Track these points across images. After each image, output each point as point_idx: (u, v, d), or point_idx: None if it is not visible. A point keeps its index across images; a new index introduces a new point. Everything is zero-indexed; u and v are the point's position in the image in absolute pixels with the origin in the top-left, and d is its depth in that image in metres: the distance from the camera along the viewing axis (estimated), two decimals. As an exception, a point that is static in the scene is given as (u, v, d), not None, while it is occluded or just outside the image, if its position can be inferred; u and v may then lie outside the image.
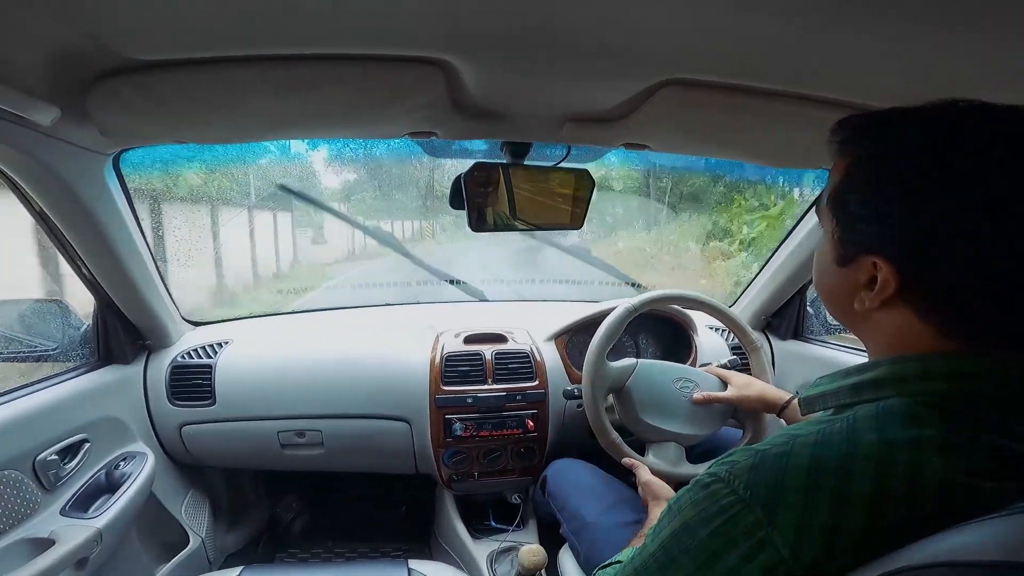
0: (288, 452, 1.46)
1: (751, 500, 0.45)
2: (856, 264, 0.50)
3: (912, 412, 0.45)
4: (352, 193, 6.14)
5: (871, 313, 0.51)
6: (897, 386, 0.48)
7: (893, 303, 0.49)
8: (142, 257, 1.19)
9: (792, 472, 0.45)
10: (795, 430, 0.49)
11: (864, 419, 0.46)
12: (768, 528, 0.44)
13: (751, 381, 1.21)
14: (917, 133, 0.46)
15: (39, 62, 0.63)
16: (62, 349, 1.23)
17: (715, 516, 0.47)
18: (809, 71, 0.70)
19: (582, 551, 1.12)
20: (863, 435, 0.45)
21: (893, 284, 0.47)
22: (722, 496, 0.47)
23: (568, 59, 0.69)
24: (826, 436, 0.46)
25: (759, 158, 1.09)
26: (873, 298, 0.49)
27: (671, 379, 1.24)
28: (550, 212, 1.11)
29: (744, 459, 0.48)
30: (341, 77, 0.72)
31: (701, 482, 0.50)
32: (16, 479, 0.96)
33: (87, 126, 0.79)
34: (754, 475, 0.46)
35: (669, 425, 1.19)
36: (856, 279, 0.50)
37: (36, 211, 0.99)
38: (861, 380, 0.51)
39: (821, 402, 0.54)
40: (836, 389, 0.53)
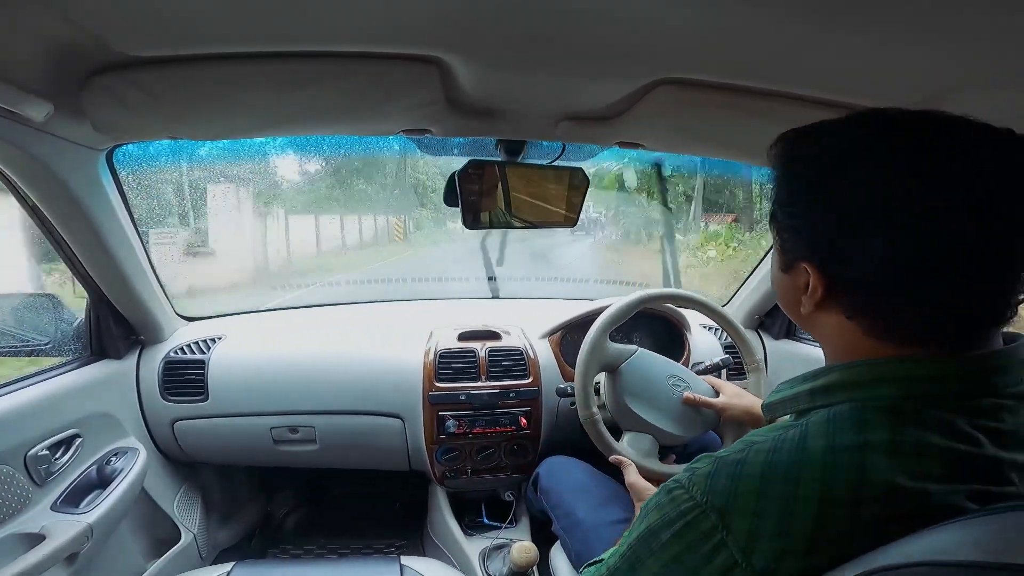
0: (281, 448, 1.46)
1: (707, 506, 0.47)
2: (795, 270, 0.53)
3: (861, 417, 0.47)
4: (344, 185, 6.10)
5: (813, 316, 0.53)
6: (848, 391, 0.49)
7: (826, 306, 0.51)
8: (135, 252, 1.19)
9: (745, 478, 0.46)
10: (753, 436, 0.51)
11: (815, 425, 0.48)
12: (723, 533, 0.46)
13: (743, 393, 1.21)
14: (815, 145, 0.50)
15: (33, 57, 0.63)
16: (54, 343, 1.22)
17: (676, 520, 0.49)
18: (804, 71, 0.71)
19: (573, 548, 1.12)
20: (813, 441, 0.46)
21: (820, 288, 0.50)
22: (682, 501, 0.49)
23: (563, 58, 0.69)
24: (780, 443, 0.47)
25: (753, 158, 1.09)
26: (807, 302, 0.52)
27: (665, 374, 1.24)
28: (544, 210, 1.11)
29: (703, 466, 0.50)
30: (336, 74, 0.72)
31: (667, 487, 0.52)
32: (7, 474, 0.96)
33: (80, 121, 0.79)
34: (711, 482, 0.48)
35: (651, 418, 1.19)
36: (797, 284, 0.53)
37: (29, 206, 0.99)
38: (815, 386, 0.52)
39: (782, 408, 0.56)
40: (795, 395, 0.54)
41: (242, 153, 2.02)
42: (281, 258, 5.93)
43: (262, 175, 4.73)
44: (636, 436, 1.19)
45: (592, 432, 1.17)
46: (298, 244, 6.39)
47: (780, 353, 1.65)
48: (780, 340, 1.67)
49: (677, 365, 1.29)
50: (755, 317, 1.68)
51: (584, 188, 1.09)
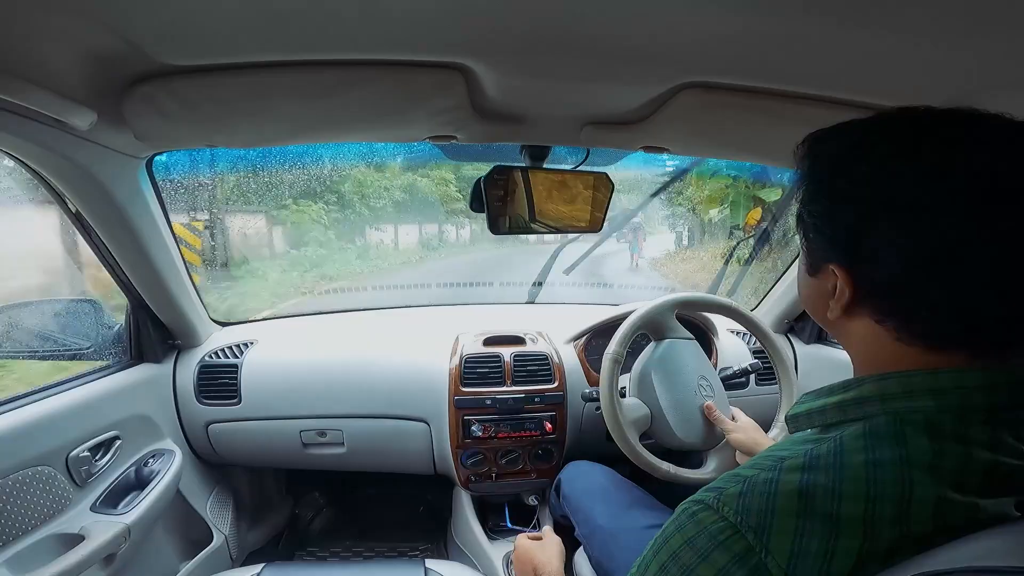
0: (310, 451, 1.49)
1: (742, 526, 0.44)
2: (822, 273, 0.51)
3: (899, 431, 0.45)
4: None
5: (841, 322, 0.51)
6: (882, 404, 0.47)
7: (855, 310, 0.50)
8: (173, 258, 1.23)
9: (783, 496, 0.44)
10: (780, 451, 0.48)
11: (851, 439, 0.46)
12: (761, 554, 0.43)
13: (757, 429, 1.15)
14: (838, 143, 0.49)
15: (78, 67, 0.66)
16: (96, 347, 1.26)
17: (705, 544, 0.46)
18: (830, 73, 0.70)
19: (593, 554, 1.12)
20: (851, 456, 0.44)
21: (848, 290, 0.48)
22: (711, 523, 0.46)
23: (587, 63, 0.70)
24: (814, 458, 0.45)
25: (781, 161, 1.08)
26: (835, 305, 0.50)
27: (699, 373, 1.23)
28: (569, 215, 1.11)
29: (731, 485, 0.47)
30: (364, 82, 0.73)
31: (687, 511, 0.49)
32: (49, 475, 0.98)
33: (122, 130, 0.82)
34: (743, 501, 0.45)
35: (664, 400, 1.18)
36: (824, 287, 0.51)
37: (72, 213, 1.03)
38: (845, 398, 0.50)
39: (807, 421, 0.53)
40: (821, 407, 0.52)
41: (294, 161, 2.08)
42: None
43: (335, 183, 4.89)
44: (638, 405, 1.19)
45: (606, 375, 1.16)
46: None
47: (811, 358, 1.61)
48: (811, 345, 1.63)
49: (715, 373, 1.27)
50: (784, 321, 1.65)
51: (609, 193, 1.09)
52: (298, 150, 1.53)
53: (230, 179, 2.96)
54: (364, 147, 1.42)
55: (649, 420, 1.18)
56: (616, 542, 1.06)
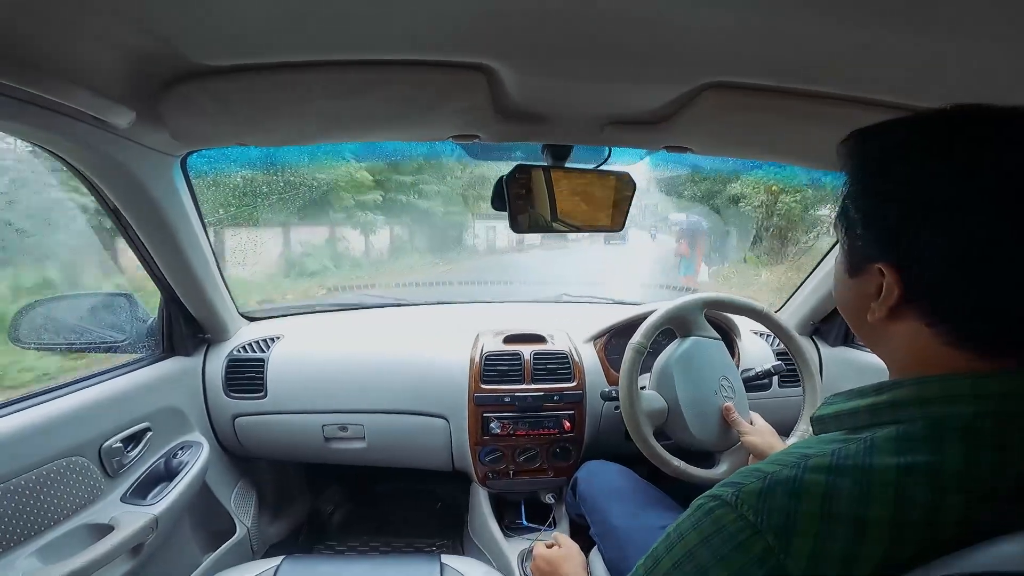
0: (331, 445, 1.51)
1: (762, 526, 0.44)
2: (865, 273, 0.50)
3: (934, 435, 0.43)
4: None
5: (883, 325, 0.49)
6: (918, 408, 0.46)
7: (901, 313, 0.48)
8: (205, 254, 1.26)
9: (806, 497, 0.43)
10: (804, 449, 0.47)
11: (883, 442, 0.44)
12: (780, 556, 0.42)
13: (773, 434, 1.14)
14: (889, 138, 0.48)
15: (118, 68, 0.68)
16: (130, 341, 1.30)
17: (722, 544, 0.45)
18: (858, 73, 0.69)
19: (606, 555, 1.12)
20: (881, 459, 0.43)
21: (897, 290, 0.47)
22: (730, 522, 0.45)
23: (609, 63, 0.70)
24: (841, 459, 0.44)
25: (808, 162, 1.07)
26: (880, 307, 0.48)
27: (721, 373, 1.23)
28: (590, 215, 1.11)
29: (750, 482, 0.46)
30: (389, 81, 0.75)
31: (703, 507, 0.48)
32: (83, 465, 1.00)
33: (159, 129, 0.85)
34: (764, 500, 0.44)
35: (682, 396, 1.17)
36: (866, 289, 0.50)
37: (111, 209, 1.06)
38: (878, 401, 0.48)
39: (835, 423, 0.51)
40: (852, 410, 0.50)
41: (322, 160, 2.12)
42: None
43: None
44: (656, 398, 1.19)
45: (627, 364, 1.17)
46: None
47: (836, 360, 1.59)
48: (837, 347, 1.60)
49: (737, 375, 1.26)
50: (810, 323, 1.63)
51: (631, 193, 1.09)
52: (323, 150, 1.56)
53: (261, 177, 3.02)
54: (390, 147, 1.44)
55: (665, 414, 1.18)
56: (631, 542, 1.06)
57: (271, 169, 2.55)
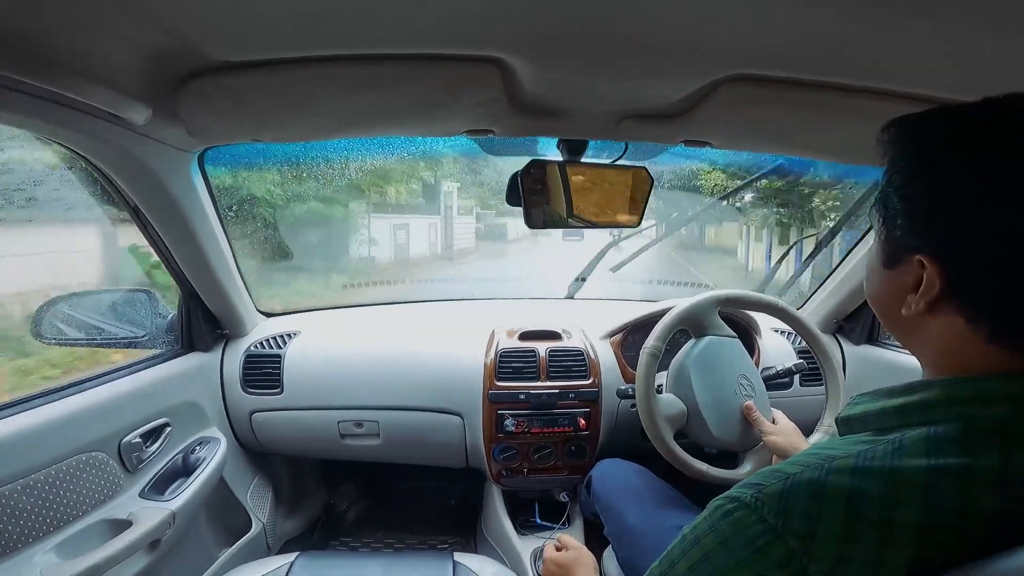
0: (346, 442, 1.51)
1: (783, 529, 0.42)
2: (903, 265, 0.48)
3: (966, 438, 0.42)
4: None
5: (920, 320, 0.47)
6: (949, 410, 0.44)
7: (940, 307, 0.45)
8: (223, 251, 1.27)
9: (829, 499, 0.42)
10: (828, 450, 0.46)
11: (913, 443, 0.43)
12: (803, 559, 0.41)
13: (796, 433, 1.11)
14: (923, 130, 0.46)
15: (134, 64, 0.68)
16: (149, 336, 1.32)
17: (742, 547, 0.44)
18: (881, 65, 0.67)
19: (621, 554, 1.10)
20: (910, 461, 0.42)
21: (938, 284, 0.44)
22: (749, 525, 0.44)
23: (625, 56, 0.68)
24: (867, 461, 0.43)
25: (831, 155, 1.05)
26: (919, 300, 0.46)
27: (739, 372, 1.20)
28: (607, 210, 1.09)
29: (771, 483, 0.45)
30: (401, 76, 0.74)
31: (721, 508, 0.47)
32: (103, 460, 1.01)
33: (176, 125, 0.85)
34: (785, 502, 0.43)
35: (701, 399, 1.16)
36: (903, 281, 0.48)
37: (131, 207, 1.07)
38: (908, 402, 0.46)
39: (861, 424, 0.49)
40: (880, 410, 0.48)
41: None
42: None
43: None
44: (674, 401, 1.16)
45: (643, 369, 1.15)
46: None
47: (860, 359, 1.55)
48: (861, 345, 1.56)
49: (757, 373, 1.24)
50: (833, 321, 1.59)
51: (648, 187, 1.07)
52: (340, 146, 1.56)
53: (276, 174, 3.03)
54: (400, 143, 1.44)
55: (685, 417, 1.16)
56: (647, 542, 1.05)
57: (293, 166, 2.55)
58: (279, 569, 1.07)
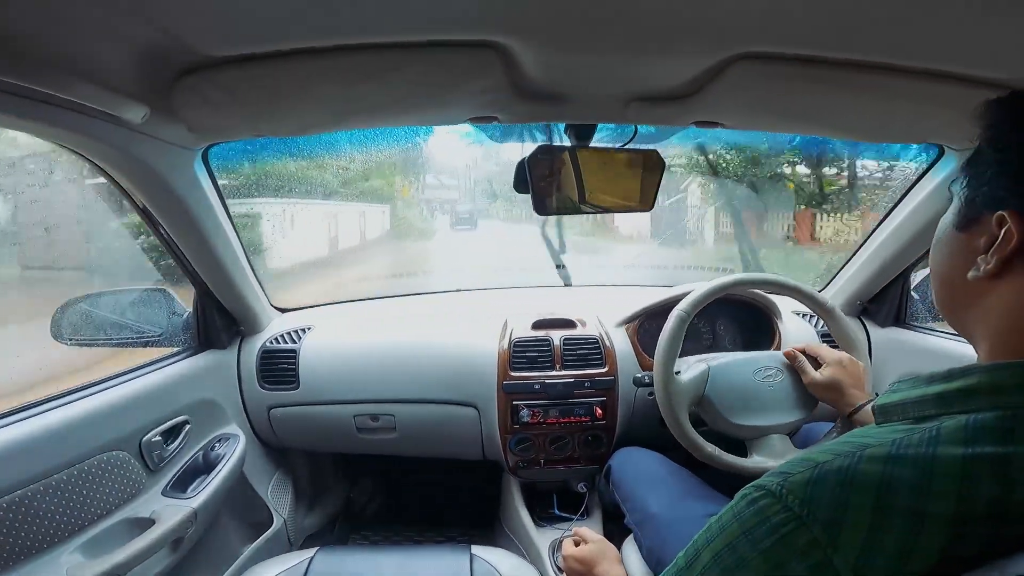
0: (363, 436, 1.52)
1: (808, 518, 0.41)
2: (978, 227, 0.46)
3: (1008, 427, 0.39)
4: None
5: (986, 286, 0.45)
6: (992, 397, 0.41)
7: (1013, 265, 0.43)
8: (233, 247, 1.27)
9: (859, 488, 0.40)
10: (862, 438, 0.44)
11: (950, 431, 0.41)
12: (827, 549, 0.39)
13: (838, 361, 1.12)
14: None
15: (126, 62, 0.68)
16: (166, 335, 1.33)
17: (765, 536, 0.42)
18: (899, 41, 0.64)
19: (645, 543, 1.08)
20: (947, 449, 0.40)
21: (1016, 238, 0.42)
22: (773, 513, 0.43)
23: (629, 36, 0.66)
24: (902, 449, 0.41)
25: (849, 133, 1.01)
26: (991, 257, 0.44)
27: (750, 371, 1.17)
28: (618, 194, 1.07)
29: (800, 471, 0.43)
30: (401, 65, 0.72)
31: (747, 497, 0.46)
32: (124, 460, 1.02)
33: (175, 123, 0.85)
34: (812, 490, 0.42)
35: (763, 420, 1.14)
36: (974, 244, 0.46)
37: (139, 207, 1.08)
38: (948, 389, 0.44)
39: (899, 411, 0.47)
40: (918, 398, 0.46)
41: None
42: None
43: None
44: (763, 443, 1.15)
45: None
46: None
47: (886, 342, 1.50)
48: (887, 328, 1.51)
49: (754, 355, 1.22)
50: (857, 303, 1.54)
51: (660, 171, 1.05)
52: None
53: (286, 168, 3.03)
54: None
55: (786, 439, 1.15)
56: (672, 531, 1.03)
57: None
58: (299, 565, 1.08)
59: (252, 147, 1.32)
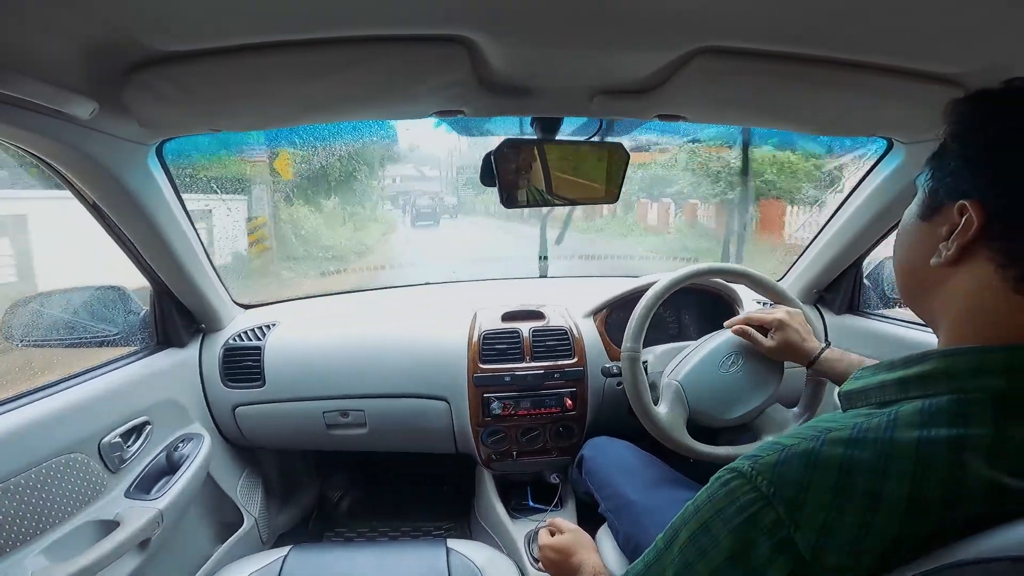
0: (333, 432, 1.50)
1: (773, 498, 0.43)
2: (940, 217, 0.48)
3: (961, 410, 0.42)
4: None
5: (947, 272, 0.47)
6: (947, 382, 0.44)
7: (972, 252, 0.46)
8: (191, 243, 1.23)
9: (821, 470, 0.42)
10: (827, 423, 0.46)
11: (907, 415, 0.43)
12: (790, 528, 0.42)
13: (780, 320, 1.15)
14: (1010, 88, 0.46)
15: (73, 58, 0.65)
16: (123, 334, 1.29)
17: (735, 515, 0.45)
18: (857, 37, 0.66)
19: (622, 530, 1.10)
20: (903, 432, 0.42)
21: (976, 224, 0.44)
22: (743, 493, 0.45)
23: (593, 30, 0.66)
24: (862, 432, 0.43)
25: (807, 127, 1.04)
26: (952, 243, 0.46)
27: (715, 369, 1.20)
28: (584, 187, 1.09)
29: (768, 454, 0.46)
30: (364, 59, 0.71)
31: (721, 479, 0.48)
32: (83, 462, 1.00)
33: (126, 118, 0.82)
34: (779, 471, 0.44)
35: (751, 404, 1.17)
36: (936, 232, 0.48)
37: (90, 204, 1.04)
38: (906, 375, 0.47)
39: (862, 397, 0.50)
40: (879, 384, 0.49)
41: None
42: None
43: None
44: (764, 422, 1.19)
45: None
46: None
47: (841, 329, 1.56)
48: (842, 315, 1.58)
49: (712, 349, 1.23)
50: (814, 292, 1.60)
51: (625, 163, 1.06)
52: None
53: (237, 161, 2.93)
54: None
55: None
56: (649, 517, 1.05)
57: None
58: (273, 564, 1.07)
59: (213, 141, 1.28)
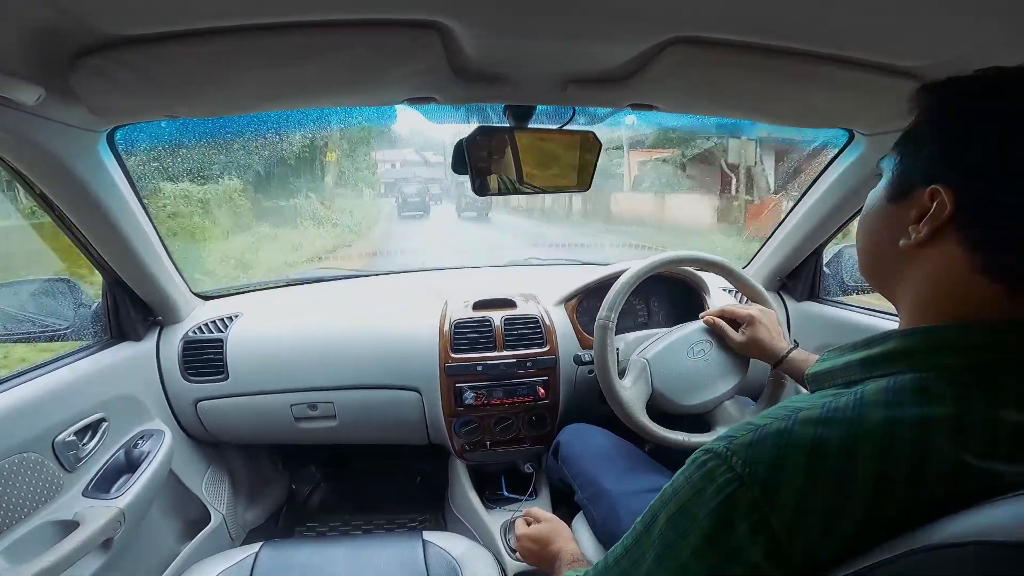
0: (302, 425, 1.47)
1: (748, 478, 0.43)
2: (909, 201, 0.49)
3: (924, 387, 0.43)
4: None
5: (915, 252, 0.48)
6: (908, 360, 0.46)
7: (942, 235, 0.46)
8: (146, 233, 1.18)
9: (793, 449, 0.43)
10: (799, 403, 0.47)
11: (873, 393, 0.44)
12: (764, 508, 0.42)
13: (752, 317, 1.19)
14: (983, 75, 0.46)
15: (16, 42, 0.61)
16: (73, 328, 1.23)
17: (712, 496, 0.45)
18: (829, 29, 0.67)
19: (598, 518, 1.12)
20: (870, 412, 0.43)
21: (948, 209, 0.45)
22: (719, 474, 0.45)
23: (567, 18, 0.66)
24: (831, 412, 0.44)
25: (777, 119, 1.05)
26: (923, 227, 0.47)
27: (683, 353, 1.22)
28: (556, 175, 1.08)
29: (743, 434, 0.46)
30: (334, 45, 0.69)
31: (697, 460, 0.48)
32: (37, 461, 0.97)
33: (75, 104, 0.77)
34: (754, 451, 0.44)
35: (710, 393, 1.19)
36: (904, 215, 0.49)
37: (37, 193, 0.98)
38: (870, 354, 0.48)
39: (829, 378, 0.51)
40: (845, 364, 0.50)
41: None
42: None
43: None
44: (721, 414, 1.21)
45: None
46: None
47: (803, 315, 1.62)
48: (803, 302, 1.63)
49: (683, 333, 1.26)
50: (776, 279, 1.65)
51: (597, 152, 1.06)
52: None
53: (194, 150, 2.81)
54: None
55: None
56: (625, 504, 1.06)
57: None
58: (244, 561, 1.05)
59: (170, 128, 1.22)
